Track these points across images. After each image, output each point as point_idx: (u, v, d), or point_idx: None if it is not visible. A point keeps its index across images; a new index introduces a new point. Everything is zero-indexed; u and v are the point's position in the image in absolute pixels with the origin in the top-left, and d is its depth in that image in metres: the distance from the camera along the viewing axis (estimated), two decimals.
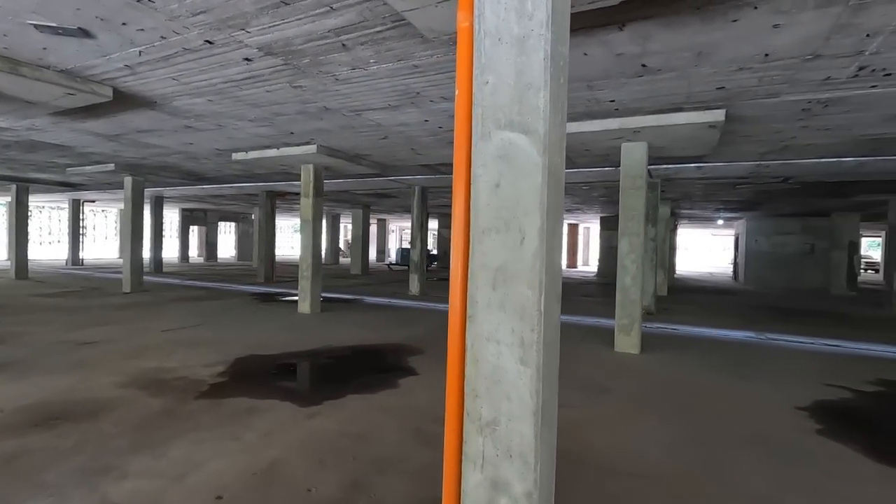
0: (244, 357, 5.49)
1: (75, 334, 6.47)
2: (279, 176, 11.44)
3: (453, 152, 1.98)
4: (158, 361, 5.17)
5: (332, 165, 8.71)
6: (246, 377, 4.74)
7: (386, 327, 7.65)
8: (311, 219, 8.73)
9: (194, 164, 9.84)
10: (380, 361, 5.56)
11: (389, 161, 8.80)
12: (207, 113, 5.79)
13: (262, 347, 5.98)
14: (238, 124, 6.33)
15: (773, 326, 8.61)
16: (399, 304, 10.58)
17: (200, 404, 3.91)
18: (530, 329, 1.76)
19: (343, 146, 7.63)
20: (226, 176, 11.66)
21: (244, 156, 8.32)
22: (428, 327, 7.73)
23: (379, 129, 6.41)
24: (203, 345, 6.02)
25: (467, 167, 1.97)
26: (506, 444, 1.80)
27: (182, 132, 6.91)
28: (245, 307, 9.43)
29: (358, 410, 3.89)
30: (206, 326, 7.26)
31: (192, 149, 8.17)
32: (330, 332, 7.08)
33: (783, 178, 9.18)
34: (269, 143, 7.61)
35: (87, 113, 5.89)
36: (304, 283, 8.83)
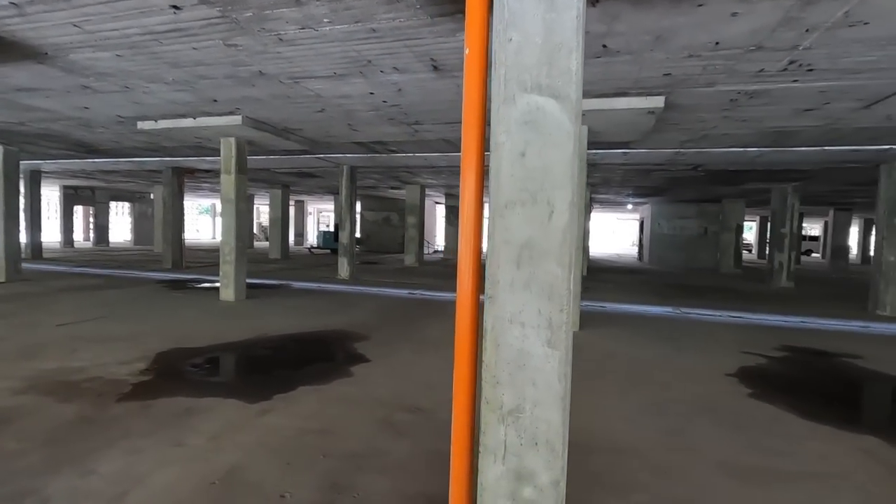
0: (167, 351, 4.88)
1: None
2: (190, 150, 10.31)
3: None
4: (60, 361, 4.42)
5: (257, 140, 7.99)
6: (175, 374, 4.21)
7: (322, 313, 7.24)
8: (233, 198, 7.97)
9: (87, 133, 8.53)
10: (325, 349, 5.23)
11: (321, 137, 8.26)
12: (114, 71, 4.96)
13: (187, 340, 5.36)
14: (150, 87, 5.52)
15: (685, 301, 9.42)
16: (330, 288, 10.11)
17: (126, 408, 3.38)
18: (559, 309, 1.65)
19: (272, 118, 7.00)
20: (125, 149, 10.29)
21: (153, 125, 7.33)
22: (367, 312, 7.44)
23: (317, 101, 5.93)
24: (113, 340, 5.26)
25: (479, 134, 1.80)
26: (531, 432, 1.69)
27: (77, 93, 5.90)
28: (155, 296, 8.45)
29: (314, 404, 3.59)
30: (113, 319, 6.38)
31: (88, 115, 7.04)
32: (262, 321, 6.55)
33: (695, 166, 9.99)
34: (186, 112, 6.76)
35: None
36: (226, 269, 8.08)
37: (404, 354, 5.06)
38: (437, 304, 8.38)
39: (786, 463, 2.86)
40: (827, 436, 3.28)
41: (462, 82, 5.29)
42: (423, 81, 5.02)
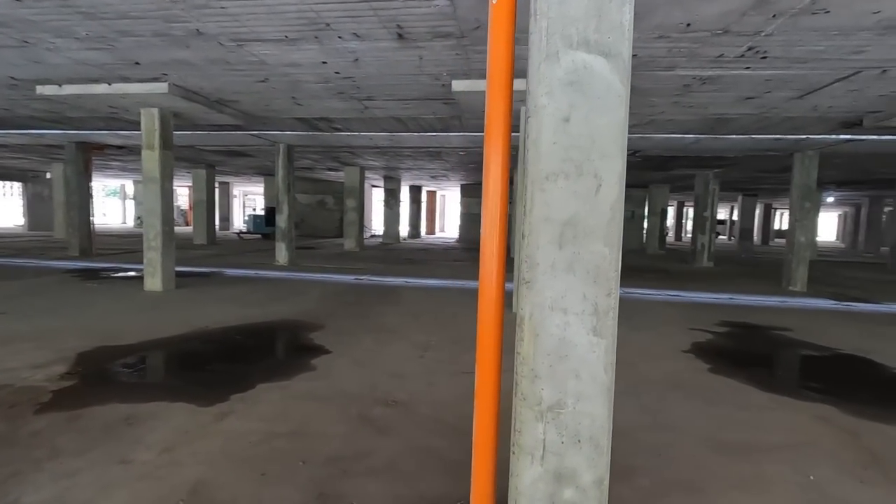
0: (91, 351, 4.24)
1: None
2: (101, 122, 9.11)
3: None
4: None
5: (185, 111, 7.16)
6: (105, 377, 3.64)
7: (266, 302, 6.71)
8: (158, 176, 7.12)
9: None
10: (279, 342, 4.82)
11: (260, 111, 7.58)
12: (10, 20, 4.12)
13: (114, 337, 4.71)
14: (56, 42, 4.68)
15: (627, 282, 9.83)
16: (270, 275, 9.46)
17: (48, 420, 2.85)
18: (606, 293, 1.49)
19: (205, 87, 6.28)
20: (18, 118, 8.88)
21: (56, 91, 6.31)
22: (315, 299, 7.00)
23: (261, 69, 5.36)
24: (19, 340, 4.50)
25: (507, 96, 1.58)
26: (573, 428, 1.53)
27: None
28: (65, 287, 7.43)
29: (278, 403, 3.25)
30: (15, 315, 5.49)
31: None
32: (199, 312, 5.93)
33: (634, 151, 10.37)
34: (99, 76, 5.87)
35: None
36: (152, 256, 7.25)
37: (366, 343, 4.77)
38: (386, 290, 8.08)
39: (761, 435, 2.97)
40: (787, 406, 3.47)
41: (425, 54, 5.02)
42: (384, 51, 4.67)
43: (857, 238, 26.61)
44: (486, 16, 3.85)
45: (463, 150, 11.12)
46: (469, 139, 9.50)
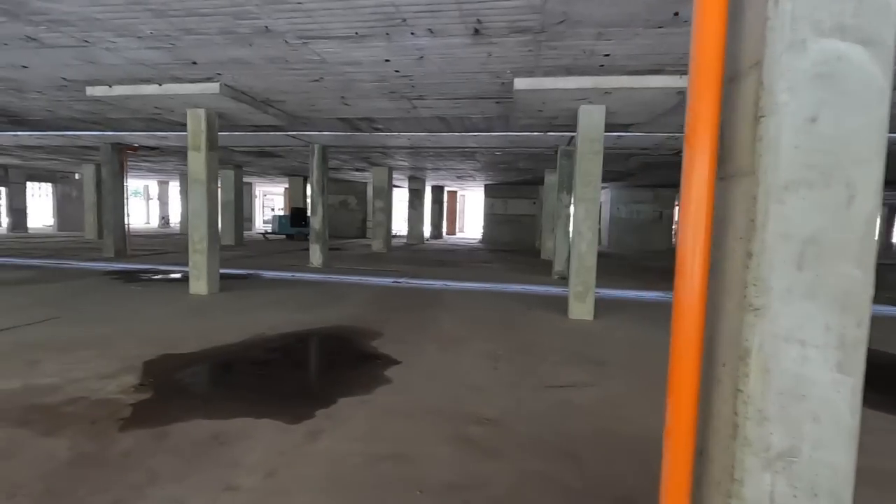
0: (156, 360, 4.12)
1: None
2: (140, 123, 9.07)
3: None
4: (21, 378, 3.58)
5: (231, 112, 7.05)
6: (179, 389, 3.50)
7: (313, 306, 6.57)
8: (204, 178, 7.02)
9: (15, 98, 7.20)
10: (341, 350, 4.65)
11: (303, 111, 7.45)
12: (75, 18, 4.01)
13: (173, 344, 4.58)
14: (117, 42, 4.57)
15: (666, 286, 9.52)
16: (307, 278, 9.34)
17: (135, 439, 2.70)
18: (856, 324, 1.27)
19: (255, 87, 6.15)
20: (60, 120, 8.87)
21: (106, 91, 6.24)
22: (361, 304, 6.84)
23: (318, 68, 5.21)
24: (80, 347, 4.40)
25: (716, 91, 1.37)
26: (808, 480, 1.31)
27: (16, 47, 4.81)
28: (109, 290, 7.37)
29: (366, 420, 3.07)
30: (69, 320, 5.41)
31: (23, 75, 5.85)
32: (250, 317, 5.80)
33: (678, 151, 10.05)
34: (151, 77, 5.77)
35: None
36: (197, 258, 7.15)
37: (431, 353, 4.59)
38: (428, 294, 7.90)
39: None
40: None
41: (495, 51, 4.81)
42: (452, 48, 4.47)
43: None
44: (574, 8, 3.64)
45: (500, 150, 10.89)
46: (509, 139, 9.28)
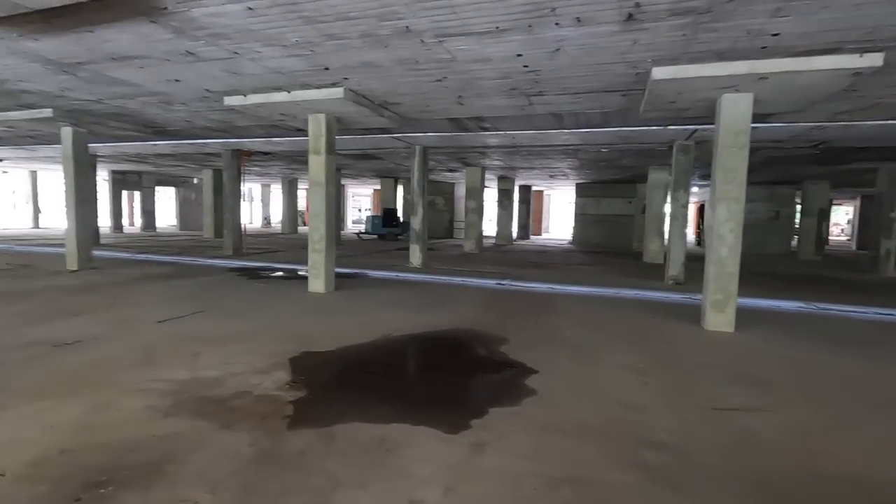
0: (299, 357, 4.25)
1: (40, 330, 4.85)
2: (261, 130, 9.68)
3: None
4: (187, 370, 3.82)
5: (349, 116, 7.26)
6: (328, 387, 3.55)
7: (427, 307, 6.56)
8: (324, 181, 7.30)
9: (161, 111, 7.94)
10: (471, 355, 4.52)
11: (416, 112, 7.49)
12: (232, 31, 4.25)
13: (309, 342, 4.72)
14: (262, 52, 4.80)
15: (808, 295, 8.44)
16: (410, 278, 9.44)
17: (305, 439, 2.73)
18: None
19: (376, 90, 6.24)
20: (194, 129, 9.72)
21: (241, 101, 6.66)
22: (473, 306, 6.72)
23: (445, 68, 5.14)
24: (229, 341, 4.67)
25: None
26: None
27: (174, 63, 5.24)
28: (236, 287, 7.90)
29: (523, 434, 2.88)
30: (211, 315, 5.81)
31: (174, 89, 6.41)
32: (371, 317, 5.89)
33: (819, 142, 8.90)
34: (283, 85, 6.06)
35: (50, 22, 4.14)
36: (316, 258, 7.45)
37: (566, 363, 4.32)
38: (539, 298, 7.61)
39: None
40: None
41: (642, 38, 4.43)
42: (595, 37, 4.17)
43: None
44: None
45: (607, 147, 10.32)
46: (621, 135, 8.73)
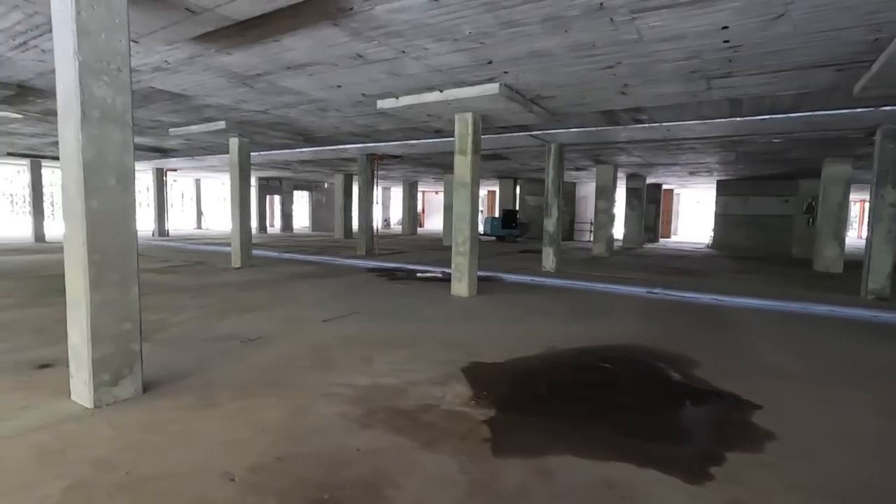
0: (470, 368, 3.99)
1: (224, 325, 5.22)
2: (399, 133, 9.86)
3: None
4: (366, 375, 3.75)
5: (494, 114, 6.98)
6: (515, 407, 3.22)
7: (581, 317, 6.02)
8: (469, 182, 7.10)
9: (316, 118, 8.37)
10: (661, 378, 3.91)
11: (566, 106, 6.98)
12: (408, 28, 4.15)
13: (473, 351, 4.47)
14: (429, 49, 4.67)
15: None
16: (548, 283, 8.93)
17: (518, 471, 2.39)
18: None
19: (532, 84, 5.86)
20: (340, 135, 10.20)
21: (393, 103, 6.71)
22: (634, 317, 6.02)
23: (625, 50, 4.59)
24: (393, 345, 4.59)
25: None
26: None
27: (341, 67, 5.35)
28: (380, 287, 8.04)
29: (791, 496, 2.26)
30: (367, 316, 5.86)
31: (333, 95, 6.64)
32: (526, 326, 5.52)
33: None
34: (438, 83, 5.95)
35: (244, 35, 4.38)
36: (460, 261, 7.29)
37: (790, 397, 3.52)
38: (706, 311, 6.64)
39: None
40: None
41: None
42: None
43: None
44: None
45: (781, 137, 8.85)
46: (808, 121, 7.34)
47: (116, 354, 3.09)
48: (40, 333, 4.77)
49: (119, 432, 2.70)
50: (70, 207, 2.98)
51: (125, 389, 3.15)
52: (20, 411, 2.95)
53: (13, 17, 4.01)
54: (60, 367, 3.77)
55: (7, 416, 2.88)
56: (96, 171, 2.94)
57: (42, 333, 4.77)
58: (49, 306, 6.02)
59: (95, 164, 2.94)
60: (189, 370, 3.76)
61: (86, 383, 3.00)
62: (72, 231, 2.99)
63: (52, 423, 2.78)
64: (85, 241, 2.92)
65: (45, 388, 3.32)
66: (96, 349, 2.99)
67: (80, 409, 2.98)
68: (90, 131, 2.90)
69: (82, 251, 2.93)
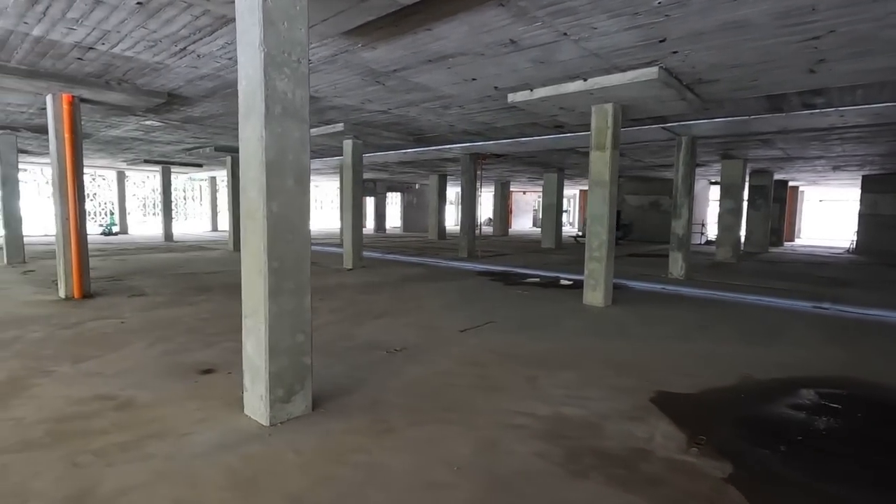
0: (660, 399, 3.36)
1: (361, 332, 5.01)
2: (514, 130, 9.35)
3: None
4: (541, 401, 3.26)
5: (639, 104, 6.23)
6: (752, 458, 2.55)
7: (750, 336, 5.12)
8: (608, 179, 6.42)
9: (434, 116, 8.10)
10: None
11: (728, 91, 6.06)
12: (586, 3, 3.61)
13: (651, 376, 3.82)
14: (599, 27, 4.09)
15: None
16: (684, 292, 7.95)
17: None
18: None
19: (700, 65, 5.06)
20: (452, 134, 9.91)
21: (526, 96, 6.21)
22: (822, 340, 4.99)
23: (855, 13, 3.71)
24: (553, 364, 4.07)
25: None
26: None
27: (487, 57, 4.94)
28: (500, 293, 7.58)
29: None
30: (503, 326, 5.40)
31: (465, 89, 6.28)
32: (690, 345, 4.75)
33: None
34: (586, 70, 5.35)
35: (398, 24, 4.09)
36: (594, 267, 6.62)
37: None
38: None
39: None
40: None
41: None
42: None
43: None
44: None
45: None
46: None
47: (290, 368, 2.87)
48: (192, 334, 4.84)
49: (304, 460, 2.44)
50: (250, 210, 2.79)
51: (297, 406, 2.92)
52: (199, 425, 2.81)
53: (181, 20, 4.03)
54: (221, 373, 3.69)
55: (189, 429, 2.75)
56: (277, 172, 2.72)
57: (194, 334, 4.84)
58: (191, 305, 6.23)
59: (277, 164, 2.72)
60: (347, 384, 3.51)
61: (262, 399, 2.80)
62: (251, 236, 2.81)
63: (234, 444, 2.59)
64: (265, 247, 2.71)
65: (215, 398, 3.19)
66: (273, 362, 2.77)
67: (257, 427, 2.78)
68: (273, 128, 2.69)
69: (262, 258, 2.72)
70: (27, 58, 5.16)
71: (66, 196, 6.37)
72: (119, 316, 5.53)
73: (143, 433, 2.68)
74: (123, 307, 6.01)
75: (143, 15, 3.94)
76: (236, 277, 8.78)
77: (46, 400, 3.13)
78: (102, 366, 3.82)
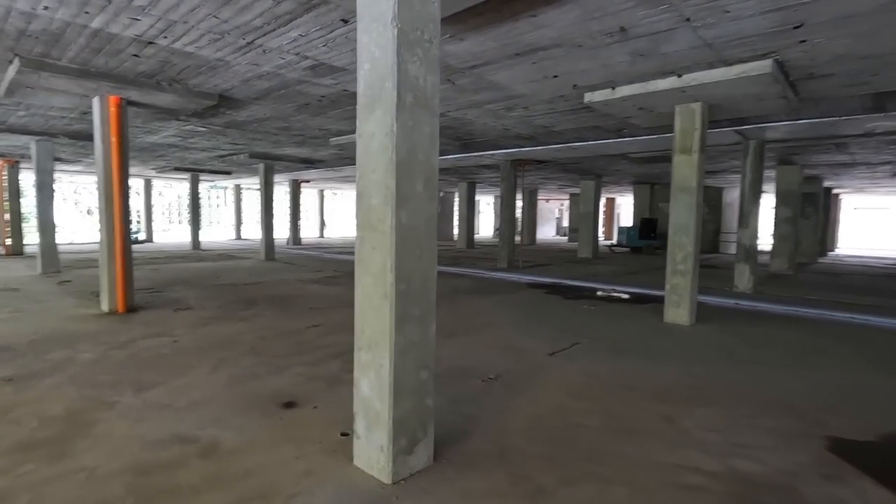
0: (839, 448, 2.78)
1: (440, 353, 4.48)
2: (572, 134, 8.82)
3: None
4: (700, 451, 2.71)
5: (731, 103, 5.67)
6: None
7: (885, 364, 4.49)
8: (694, 185, 5.85)
9: (491, 119, 7.63)
10: None
11: (836, 87, 5.50)
12: None
13: (808, 417, 3.24)
14: (732, 10, 3.57)
15: None
16: (762, 308, 7.30)
17: None
18: None
19: (820, 57, 4.51)
20: (502, 139, 9.44)
21: (606, 95, 5.70)
22: None
23: None
24: (680, 398, 3.51)
25: None
26: None
27: (584, 48, 4.44)
28: (563, 307, 7.02)
29: None
30: (593, 348, 4.85)
31: (539, 88, 5.79)
32: (826, 375, 4.15)
33: None
34: (686, 65, 4.82)
35: (500, 10, 3.62)
36: (678, 281, 6.03)
37: None
38: None
39: None
40: None
41: None
42: None
43: None
44: None
45: None
46: None
47: (413, 412, 2.36)
48: (256, 356, 4.37)
49: None
50: (372, 221, 2.31)
51: (419, 458, 2.41)
52: (305, 480, 2.31)
53: (259, 6, 3.60)
54: (305, 407, 3.20)
55: (296, 487, 2.25)
56: (407, 174, 2.24)
57: (257, 356, 4.37)
58: (242, 321, 5.79)
59: (407, 165, 2.24)
60: (458, 423, 2.99)
61: (382, 450, 2.29)
62: (372, 251, 2.32)
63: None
64: (392, 266, 2.22)
65: (311, 442, 2.70)
66: (397, 406, 2.27)
67: (377, 486, 2.27)
68: (404, 121, 2.21)
69: (388, 278, 2.23)
70: (80, 55, 4.79)
71: (112, 204, 5.99)
72: (170, 333, 5.10)
73: (243, 493, 2.19)
74: (172, 322, 5.59)
75: (217, 1, 3.52)
76: (278, 289, 8.34)
77: (117, 442, 2.66)
78: (170, 396, 3.36)
